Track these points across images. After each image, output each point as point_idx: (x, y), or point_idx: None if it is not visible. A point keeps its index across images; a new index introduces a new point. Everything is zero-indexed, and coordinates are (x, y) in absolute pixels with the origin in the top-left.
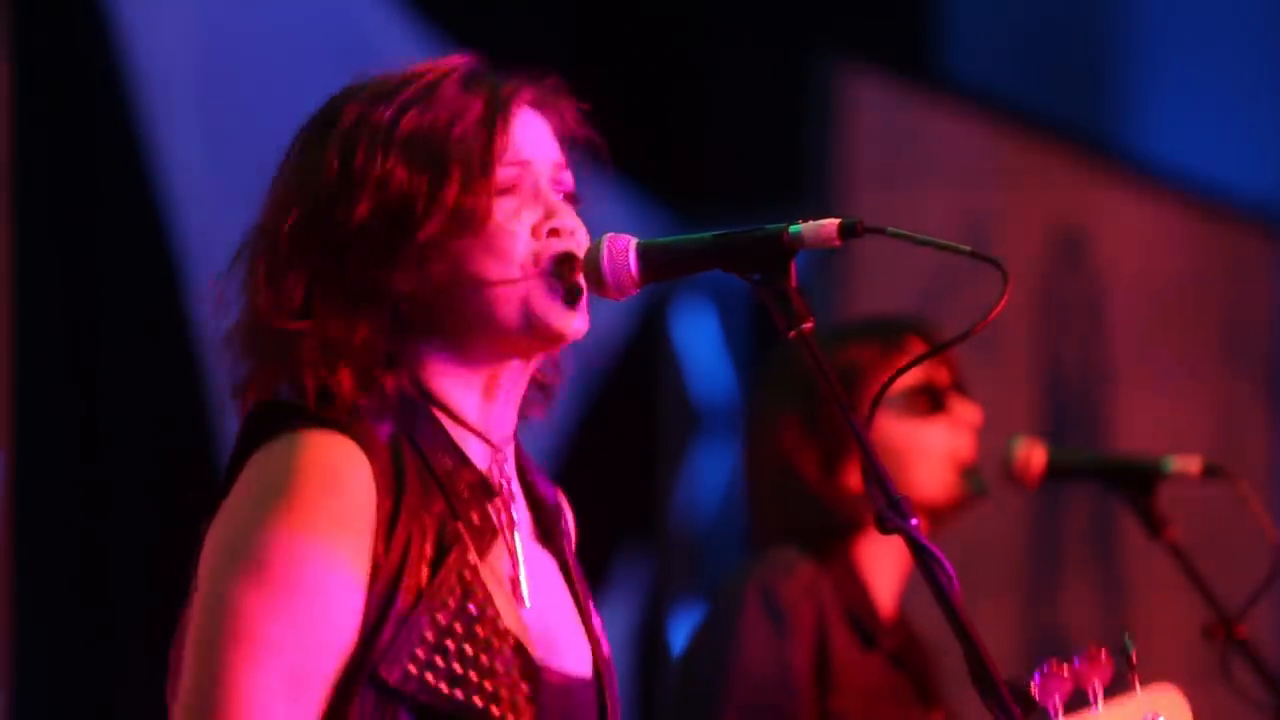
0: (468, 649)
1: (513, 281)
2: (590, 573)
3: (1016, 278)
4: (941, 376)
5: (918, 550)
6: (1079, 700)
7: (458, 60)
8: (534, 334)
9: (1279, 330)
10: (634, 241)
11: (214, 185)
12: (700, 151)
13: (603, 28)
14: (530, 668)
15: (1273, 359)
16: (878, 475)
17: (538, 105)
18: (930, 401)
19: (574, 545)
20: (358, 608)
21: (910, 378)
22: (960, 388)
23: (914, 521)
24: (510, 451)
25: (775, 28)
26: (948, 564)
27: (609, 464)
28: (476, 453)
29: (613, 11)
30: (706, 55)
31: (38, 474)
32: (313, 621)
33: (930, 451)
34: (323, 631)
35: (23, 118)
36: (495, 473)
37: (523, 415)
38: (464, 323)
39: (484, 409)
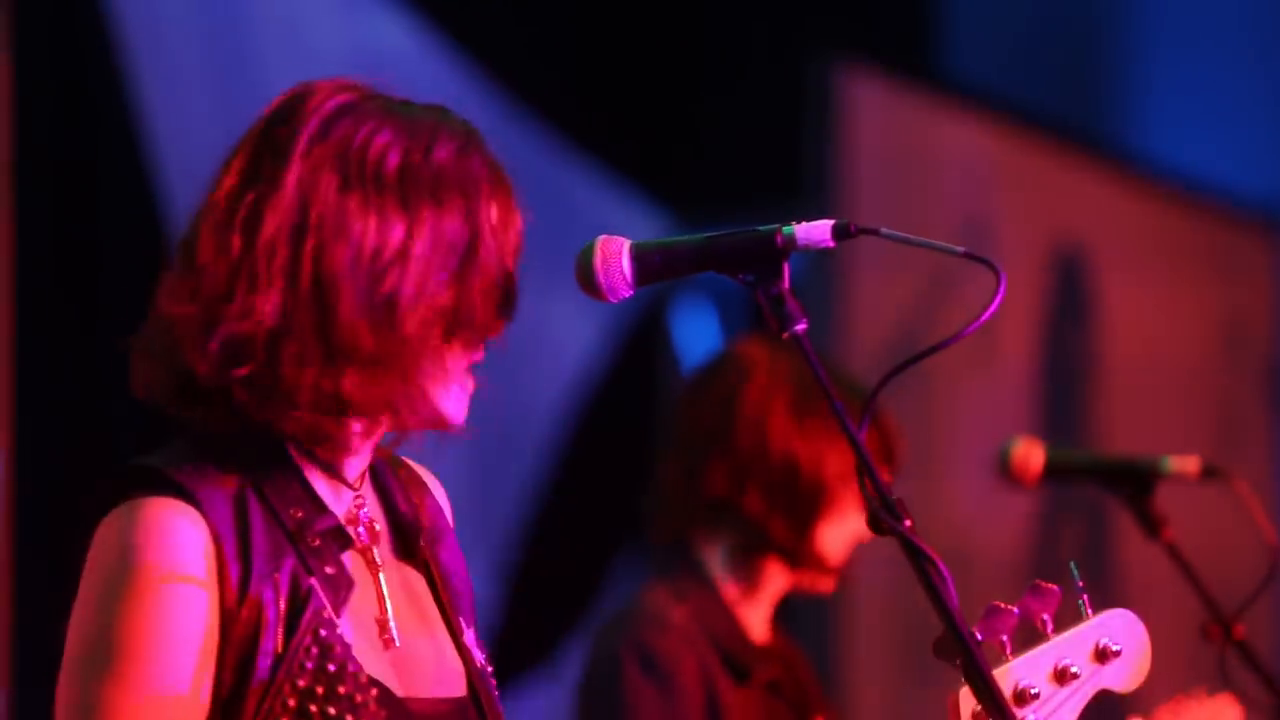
0: (331, 710)
1: (448, 386)
2: (590, 573)
3: (1014, 278)
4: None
5: (913, 552)
6: (1032, 635)
7: (463, 130)
8: (433, 426)
9: (1279, 330)
10: (627, 244)
11: None
12: (700, 152)
13: (603, 29)
14: (398, 713)
15: (1273, 359)
16: (873, 477)
17: None
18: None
19: (450, 523)
20: (210, 684)
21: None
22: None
23: (908, 523)
24: (367, 487)
25: (775, 28)
26: (943, 566)
27: (609, 464)
28: (332, 497)
29: (613, 13)
30: (706, 56)
31: (38, 473)
32: (171, 705)
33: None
34: (182, 711)
35: (23, 116)
36: (355, 513)
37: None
38: (381, 401)
39: (346, 458)
